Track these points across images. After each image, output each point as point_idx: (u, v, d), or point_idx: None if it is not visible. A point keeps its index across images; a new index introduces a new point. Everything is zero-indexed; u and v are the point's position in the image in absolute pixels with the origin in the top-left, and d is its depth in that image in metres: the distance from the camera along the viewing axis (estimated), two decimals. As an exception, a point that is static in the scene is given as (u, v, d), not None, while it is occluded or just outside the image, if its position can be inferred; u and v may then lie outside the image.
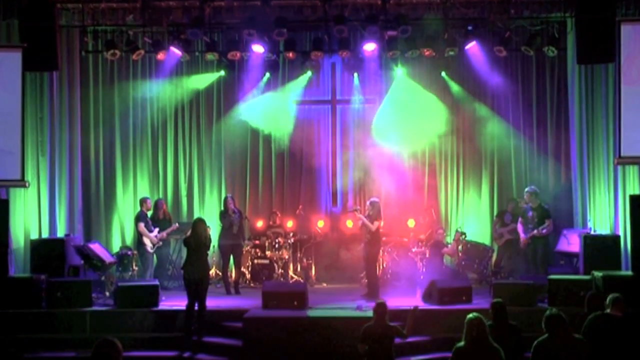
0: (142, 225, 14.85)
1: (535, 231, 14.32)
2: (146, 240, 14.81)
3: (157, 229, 15.05)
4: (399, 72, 16.81)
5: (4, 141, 13.98)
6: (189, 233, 12.74)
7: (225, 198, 15.45)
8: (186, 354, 11.87)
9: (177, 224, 15.53)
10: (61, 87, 15.62)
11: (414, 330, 9.79)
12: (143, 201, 15.28)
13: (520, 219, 14.78)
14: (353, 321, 11.57)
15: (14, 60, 13.78)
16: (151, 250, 14.89)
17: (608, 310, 8.82)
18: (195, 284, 12.14)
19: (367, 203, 14.56)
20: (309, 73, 16.91)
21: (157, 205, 15.62)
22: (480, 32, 15.45)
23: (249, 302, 13.48)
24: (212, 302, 13.27)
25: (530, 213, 14.49)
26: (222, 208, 15.46)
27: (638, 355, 8.44)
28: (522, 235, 14.64)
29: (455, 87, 16.95)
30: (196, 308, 12.17)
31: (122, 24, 15.55)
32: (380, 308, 9.55)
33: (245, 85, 16.87)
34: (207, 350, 11.99)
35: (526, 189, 14.91)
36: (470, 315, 7.50)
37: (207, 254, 12.57)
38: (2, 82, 13.97)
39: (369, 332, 9.41)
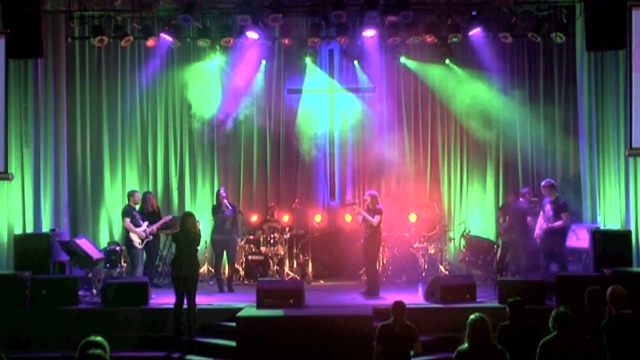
0: (127, 220, 14.70)
1: (545, 224, 14.20)
2: (133, 236, 14.67)
3: (146, 223, 14.93)
4: (400, 59, 16.75)
5: (-14, 132, 13.92)
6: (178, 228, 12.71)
7: (218, 191, 15.34)
8: (175, 355, 11.82)
9: (170, 216, 15.46)
10: (46, 75, 15.50)
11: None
12: (130, 194, 15.12)
13: (541, 212, 14.63)
14: (351, 320, 11.56)
15: (-4, 47, 13.71)
16: (139, 246, 14.75)
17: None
18: (184, 280, 12.09)
19: (365, 196, 14.49)
20: (306, 60, 16.82)
21: (145, 199, 15.50)
22: (485, 17, 15.38)
23: (243, 300, 13.42)
24: (205, 300, 13.30)
25: (548, 206, 14.34)
26: (215, 202, 15.39)
27: None
28: (536, 230, 14.54)
29: (458, 76, 16.87)
30: (185, 306, 12.12)
31: (110, 9, 15.49)
32: (399, 307, 9.53)
33: (238, 74, 16.78)
34: (198, 351, 11.93)
35: (542, 182, 14.75)
36: (472, 316, 7.45)
37: (196, 250, 12.50)
38: (-16, 70, 13.90)
39: (385, 332, 9.39)
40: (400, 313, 9.50)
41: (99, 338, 6.14)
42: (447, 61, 16.51)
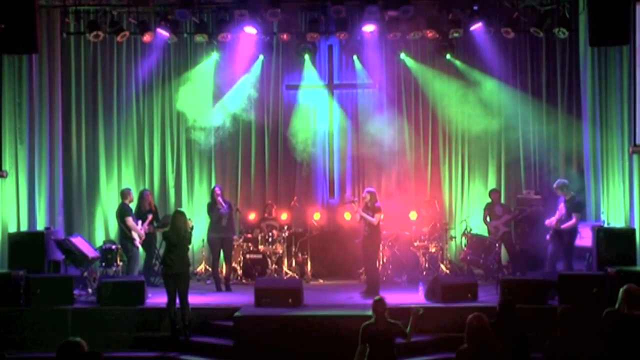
0: (130, 219, 14.60)
1: (554, 222, 14.16)
2: (135, 235, 14.64)
3: (139, 222, 14.90)
4: (400, 55, 16.70)
5: (-20, 129, 13.90)
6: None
7: (213, 189, 15.26)
8: (172, 354, 11.79)
9: (150, 216, 15.33)
10: (41, 71, 15.46)
11: (416, 331, 9.69)
12: (126, 193, 15.05)
13: (557, 212, 14.56)
14: (351, 320, 11.48)
15: (-10, 43, 13.65)
16: (139, 245, 14.74)
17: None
18: (174, 279, 12.08)
19: (364, 193, 14.41)
20: (305, 56, 16.75)
21: (142, 197, 15.45)
22: (486, 12, 15.37)
23: (241, 299, 13.40)
24: (202, 299, 13.28)
25: (562, 205, 14.26)
26: (210, 199, 15.31)
27: None
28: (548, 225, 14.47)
29: (460, 71, 16.84)
30: (178, 306, 12.10)
31: (106, 3, 15.51)
32: (380, 305, 9.46)
33: (236, 69, 16.72)
34: (194, 351, 11.91)
35: (555, 184, 14.62)
36: (471, 316, 7.42)
37: (187, 248, 12.49)
38: (-22, 65, 13.88)
39: (369, 332, 9.32)
40: (382, 311, 9.41)
41: (78, 339, 6.11)
42: (447, 56, 16.47)
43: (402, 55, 16.74)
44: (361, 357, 9.26)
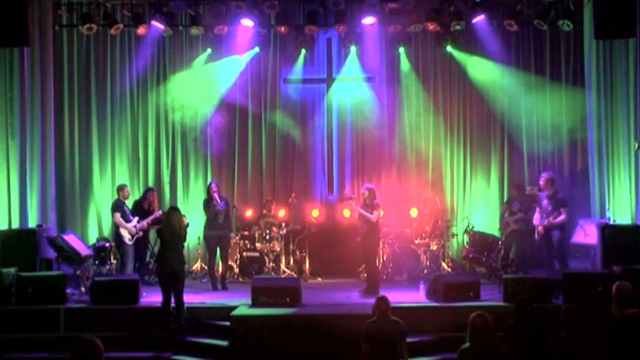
0: (118, 215, 14.65)
1: (545, 221, 14.17)
2: (123, 232, 14.60)
3: (136, 218, 14.86)
4: (400, 48, 16.66)
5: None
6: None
7: (209, 185, 15.24)
8: (167, 355, 11.75)
9: (160, 211, 15.32)
10: (33, 64, 15.34)
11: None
12: (120, 189, 15.07)
13: (537, 208, 14.58)
14: (350, 319, 11.47)
15: (-20, 36, 13.60)
16: (129, 242, 14.68)
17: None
18: (169, 277, 12.04)
19: (362, 189, 14.34)
20: (303, 49, 16.70)
21: (144, 195, 15.57)
22: (489, 4, 15.35)
23: (237, 298, 13.32)
24: (198, 298, 13.24)
25: (545, 201, 14.29)
26: (206, 196, 15.27)
27: None
28: (537, 225, 14.48)
29: (461, 65, 16.80)
30: (173, 305, 12.06)
31: (100, -5, 15.45)
32: (383, 303, 9.44)
33: (232, 63, 16.70)
34: (190, 351, 11.86)
35: (542, 174, 14.69)
36: (473, 315, 7.40)
37: (182, 246, 12.46)
38: (-32, 59, 13.84)
39: (371, 330, 9.30)
40: (385, 309, 9.40)
41: (94, 337, 6.10)
42: (448, 48, 16.43)
43: (402, 49, 16.69)
44: (366, 356, 9.25)
